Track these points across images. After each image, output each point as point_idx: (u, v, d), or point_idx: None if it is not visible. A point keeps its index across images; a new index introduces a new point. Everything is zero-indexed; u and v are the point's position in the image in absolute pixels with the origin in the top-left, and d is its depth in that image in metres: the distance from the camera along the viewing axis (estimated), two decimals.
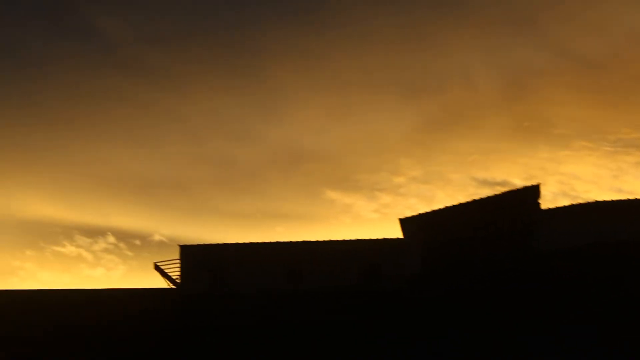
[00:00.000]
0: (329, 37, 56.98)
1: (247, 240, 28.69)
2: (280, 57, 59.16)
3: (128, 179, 60.17)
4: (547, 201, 35.67)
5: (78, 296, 25.71)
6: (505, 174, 58.13)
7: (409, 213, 28.09)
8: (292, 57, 60.40)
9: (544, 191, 26.06)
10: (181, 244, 28.43)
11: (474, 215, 25.63)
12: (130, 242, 58.76)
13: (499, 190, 32.04)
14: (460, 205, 25.36)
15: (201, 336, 23.41)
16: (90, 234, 59.73)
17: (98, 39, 61.82)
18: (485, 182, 56.03)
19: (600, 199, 26.55)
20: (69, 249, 56.14)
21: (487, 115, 62.28)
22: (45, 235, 58.89)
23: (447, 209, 25.68)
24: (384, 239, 28.03)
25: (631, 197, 27.57)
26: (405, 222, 27.22)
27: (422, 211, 27.96)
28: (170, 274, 28.52)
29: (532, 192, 25.83)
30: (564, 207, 26.73)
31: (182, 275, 27.99)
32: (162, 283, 28.29)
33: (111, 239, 55.44)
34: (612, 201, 26.69)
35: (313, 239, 28.95)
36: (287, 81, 59.16)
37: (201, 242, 29.08)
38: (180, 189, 60.80)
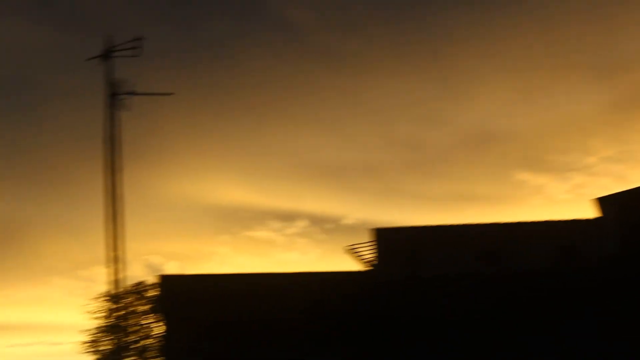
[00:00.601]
0: (515, 20, 57.03)
1: (438, 223, 28.26)
2: (468, 40, 59.55)
3: (319, 164, 61.62)
4: None
5: (274, 280, 26.08)
6: None
7: (602, 193, 27.01)
8: (479, 40, 60.86)
9: None
10: (372, 227, 27.92)
11: None
12: (322, 225, 59.90)
13: None
14: None
15: (399, 317, 23.76)
16: (284, 219, 61.83)
17: (286, 30, 64.10)
18: None
19: None
20: (263, 233, 58.32)
21: None
22: (239, 220, 61.78)
23: None
24: (579, 220, 27.26)
25: None
26: (602, 202, 26.36)
27: (617, 190, 27.34)
28: (363, 257, 28.36)
29: None
30: None
31: (376, 258, 27.76)
32: (354, 266, 28.52)
33: (304, 223, 56.50)
34: None
35: (507, 221, 27.96)
36: (474, 64, 60.23)
37: (393, 225, 28.57)
38: (369, 173, 63.85)
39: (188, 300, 25.67)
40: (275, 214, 57.84)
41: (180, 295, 26.41)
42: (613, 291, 23.17)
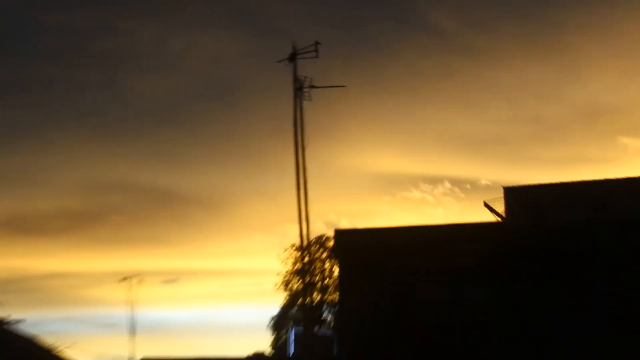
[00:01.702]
0: (618, 11, 60.33)
1: (557, 181, 31.01)
2: (580, 30, 63.71)
3: (458, 136, 73.67)
4: None
5: (427, 232, 28.84)
6: None
7: None
8: (589, 30, 65.38)
9: None
10: (503, 186, 31.65)
11: None
12: (462, 186, 64.87)
13: None
14: None
15: (527, 261, 25.79)
16: (431, 182, 66.98)
17: (432, 30, 69.94)
18: None
19: None
20: (415, 194, 63.17)
21: None
22: (396, 183, 69.07)
23: None
24: None
25: None
26: None
27: None
28: (497, 211, 31.24)
29: None
30: None
31: (506, 212, 30.96)
32: (491, 218, 31.62)
33: (447, 184, 61.88)
34: None
35: (614, 177, 30.98)
36: (586, 49, 65.93)
37: (520, 184, 32.07)
38: (500, 142, 69.68)
39: (357, 249, 28.77)
40: (424, 177, 63.56)
41: (351, 245, 29.47)
42: None
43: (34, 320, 53.15)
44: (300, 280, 42.17)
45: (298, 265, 46.44)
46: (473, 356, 24.74)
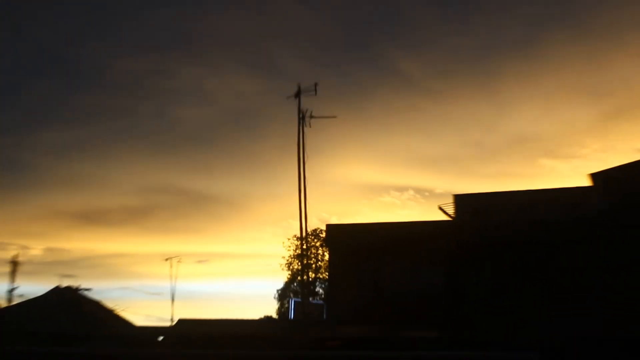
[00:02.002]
0: (542, 60, 71.96)
1: (494, 190, 32.63)
2: (514, 76, 69.71)
3: (421, 156, 77.95)
4: None
5: (395, 227, 30.29)
6: None
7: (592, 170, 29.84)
8: (522, 76, 70.60)
9: None
10: (454, 193, 33.03)
11: None
12: (422, 194, 71.44)
13: None
14: None
15: (471, 250, 27.18)
16: (399, 190, 74.20)
17: (402, 76, 78.08)
18: None
19: None
20: (387, 199, 68.83)
21: None
22: (373, 191, 76.63)
23: None
24: (580, 187, 29.83)
25: None
26: (593, 176, 29.06)
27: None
28: (448, 212, 32.19)
29: None
30: None
31: (455, 213, 32.24)
32: (443, 218, 32.52)
33: (411, 192, 68.51)
34: None
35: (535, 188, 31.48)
36: (517, 90, 73.76)
37: (467, 192, 33.05)
38: (452, 161, 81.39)
39: (343, 239, 30.81)
40: (394, 187, 70.45)
41: (338, 236, 31.46)
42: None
43: (98, 289, 59.95)
44: (299, 263, 45.16)
45: (298, 251, 49.83)
46: (426, 319, 26.28)
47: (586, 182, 29.49)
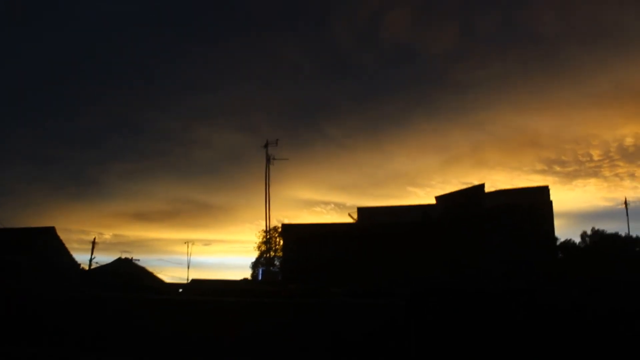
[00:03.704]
0: (416, 122, 67.10)
1: (380, 205, 33.45)
2: (394, 130, 71.53)
3: (338, 184, 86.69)
4: None
5: (322, 226, 30.59)
6: None
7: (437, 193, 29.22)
8: (400, 129, 71.87)
9: None
10: (358, 206, 33.01)
11: None
12: (339, 206, 74.46)
13: None
14: None
15: (366, 239, 27.05)
16: (325, 204, 74.95)
17: (326, 136, 72.48)
18: None
19: None
20: (318, 209, 70.06)
21: None
22: (311, 205, 75.89)
23: None
24: (427, 204, 29.64)
25: None
26: (437, 198, 28.82)
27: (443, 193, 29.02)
28: (354, 217, 32.32)
29: None
30: None
31: (358, 218, 32.06)
32: (350, 220, 32.77)
33: (332, 206, 68.75)
34: None
35: (404, 204, 31.95)
36: (396, 141, 72.98)
37: (365, 206, 33.50)
38: (356, 187, 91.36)
39: (292, 232, 30.78)
40: (323, 202, 79.30)
41: (289, 231, 31.31)
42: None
43: (144, 260, 61.65)
44: (265, 246, 47.68)
45: (264, 239, 49.97)
46: (338, 281, 24.86)
47: (432, 201, 30.42)
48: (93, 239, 41.72)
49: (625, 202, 36.40)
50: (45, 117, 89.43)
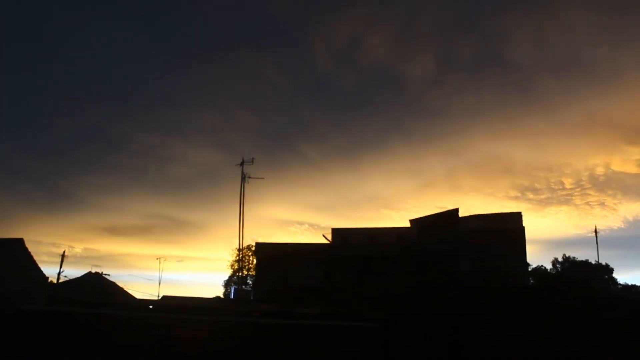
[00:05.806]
0: (392, 146, 73.78)
1: (354, 227, 32.41)
2: (371, 157, 78.25)
3: (314, 205, 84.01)
4: None
5: (297, 246, 30.10)
6: None
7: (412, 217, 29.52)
8: (378, 155, 77.54)
9: None
10: (333, 227, 32.38)
11: None
12: (314, 227, 73.97)
13: None
14: None
15: (340, 261, 27.06)
16: (300, 224, 75.30)
17: (303, 157, 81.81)
18: None
19: None
20: (293, 229, 71.84)
21: None
22: (285, 224, 76.28)
23: None
24: (402, 227, 29.46)
25: None
26: (411, 221, 28.96)
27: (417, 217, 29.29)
28: (328, 238, 31.45)
29: None
30: None
31: (332, 239, 31.16)
32: (324, 241, 31.19)
33: (307, 226, 68.91)
34: None
35: (378, 227, 31.35)
36: (373, 167, 77.08)
37: (340, 227, 32.61)
38: (332, 209, 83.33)
39: (265, 251, 30.66)
40: (298, 222, 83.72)
41: (262, 249, 31.32)
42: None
43: (114, 275, 61.23)
44: (238, 264, 45.70)
45: (237, 257, 48.13)
46: (311, 300, 24.75)
47: (407, 224, 30.06)
48: (62, 252, 40.28)
49: (595, 230, 38.06)
50: (17, 128, 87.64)
